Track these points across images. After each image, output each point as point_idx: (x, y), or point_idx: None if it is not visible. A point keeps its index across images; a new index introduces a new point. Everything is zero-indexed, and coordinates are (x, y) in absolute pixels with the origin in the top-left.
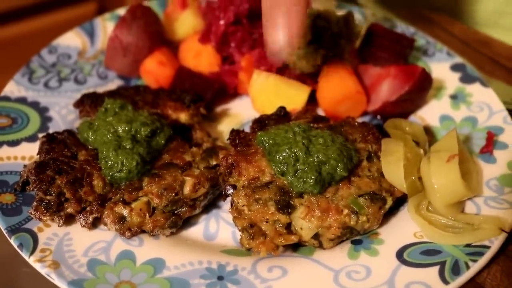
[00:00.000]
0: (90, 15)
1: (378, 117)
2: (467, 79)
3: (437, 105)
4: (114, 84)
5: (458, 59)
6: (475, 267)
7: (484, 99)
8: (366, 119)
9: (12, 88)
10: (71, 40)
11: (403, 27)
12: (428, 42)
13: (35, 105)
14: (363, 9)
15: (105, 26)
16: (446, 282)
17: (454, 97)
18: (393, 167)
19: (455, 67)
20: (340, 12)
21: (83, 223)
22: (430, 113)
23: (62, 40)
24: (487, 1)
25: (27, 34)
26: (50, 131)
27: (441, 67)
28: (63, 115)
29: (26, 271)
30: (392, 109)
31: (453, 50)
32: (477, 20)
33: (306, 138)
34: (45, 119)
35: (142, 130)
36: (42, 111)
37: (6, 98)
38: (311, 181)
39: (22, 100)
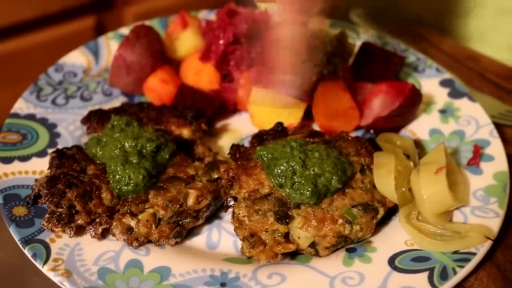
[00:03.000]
0: (88, 30)
1: (371, 131)
2: (455, 94)
3: (427, 119)
4: (118, 101)
5: (447, 75)
6: (462, 273)
7: (471, 113)
8: (359, 133)
9: (21, 105)
10: (76, 58)
11: (394, 44)
12: (418, 58)
13: (43, 121)
14: (356, 27)
15: (109, 44)
16: (434, 286)
17: (443, 111)
18: (384, 179)
19: (444, 83)
20: (334, 31)
21: (93, 234)
22: (420, 127)
23: (68, 58)
24: (476, 17)
25: (27, 49)
26: (59, 146)
27: (430, 83)
28: (71, 131)
29: (36, 281)
30: (384, 124)
31: (442, 66)
32: (466, 35)
33: (303, 153)
34: (54, 135)
35: (147, 145)
36: (50, 127)
37: (16, 115)
38: (308, 193)
39: (31, 117)
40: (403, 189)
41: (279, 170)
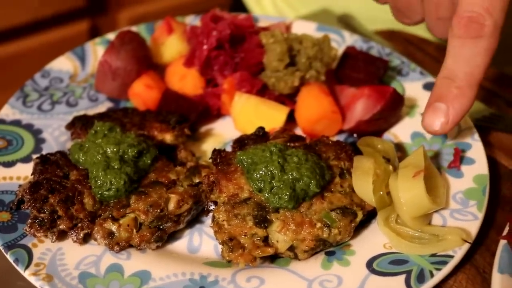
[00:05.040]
0: (82, 34)
1: (355, 135)
2: None
3: (409, 122)
4: (104, 106)
5: (431, 78)
6: (439, 275)
7: None
8: (342, 136)
9: (7, 112)
10: (63, 64)
11: (379, 48)
12: (402, 62)
13: (29, 127)
14: (341, 31)
15: (96, 50)
16: None
17: None
18: (363, 182)
19: (427, 86)
20: (317, 35)
21: (75, 239)
22: (403, 130)
23: (55, 64)
24: None
25: (21, 54)
26: (44, 152)
27: (414, 86)
28: (56, 136)
29: (20, 285)
30: (366, 127)
31: (427, 69)
32: None
33: (282, 157)
34: (39, 141)
35: (129, 151)
36: (35, 133)
37: (2, 121)
38: (286, 197)
39: (16, 123)
40: (381, 192)
41: (258, 175)
